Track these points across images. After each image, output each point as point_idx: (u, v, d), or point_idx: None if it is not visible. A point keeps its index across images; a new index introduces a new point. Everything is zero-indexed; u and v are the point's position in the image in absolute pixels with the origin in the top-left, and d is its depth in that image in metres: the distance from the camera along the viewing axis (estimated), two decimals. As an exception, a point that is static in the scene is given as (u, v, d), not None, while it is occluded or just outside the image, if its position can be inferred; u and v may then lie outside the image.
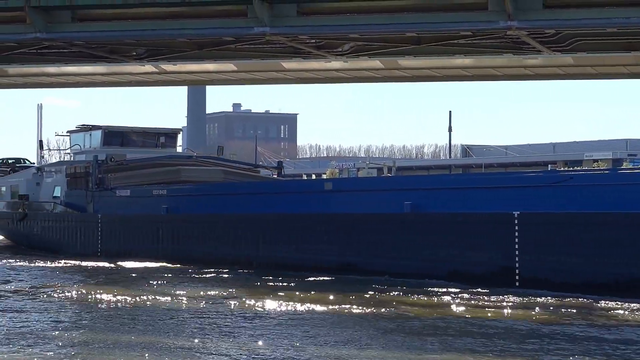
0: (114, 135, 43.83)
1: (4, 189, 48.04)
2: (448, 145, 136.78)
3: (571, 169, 73.05)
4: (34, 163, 60.43)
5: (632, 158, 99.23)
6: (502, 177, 31.10)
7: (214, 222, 33.67)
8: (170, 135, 46.01)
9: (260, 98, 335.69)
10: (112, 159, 39.89)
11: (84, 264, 34.72)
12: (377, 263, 28.39)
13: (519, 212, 25.48)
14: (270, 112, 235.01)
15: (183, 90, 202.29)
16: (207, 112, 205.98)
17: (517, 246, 25.48)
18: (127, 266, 33.70)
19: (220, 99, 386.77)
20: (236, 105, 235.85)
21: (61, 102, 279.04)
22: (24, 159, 63.13)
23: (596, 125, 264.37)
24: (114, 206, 38.23)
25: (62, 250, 39.48)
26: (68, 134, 46.52)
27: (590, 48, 28.17)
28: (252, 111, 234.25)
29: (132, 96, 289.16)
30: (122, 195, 37.87)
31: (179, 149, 47.77)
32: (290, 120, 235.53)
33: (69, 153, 47.76)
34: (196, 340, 17.94)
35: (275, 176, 44.72)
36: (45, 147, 51.03)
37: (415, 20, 25.93)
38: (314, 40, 28.88)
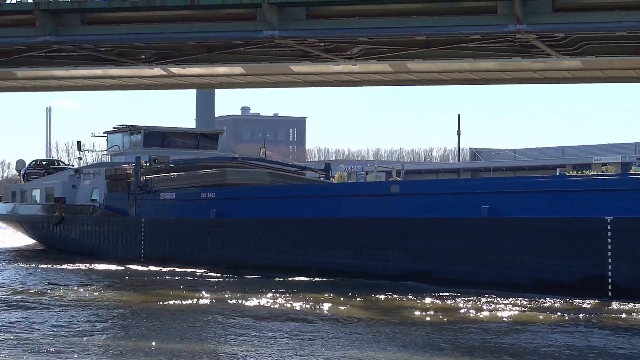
0: (154, 136, 42.26)
1: (37, 191, 46.26)
2: (457, 149, 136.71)
3: (580, 172, 72.93)
4: (69, 165, 59.41)
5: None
6: (592, 179, 29.31)
7: (268, 226, 31.96)
8: (210, 136, 45.00)
9: (269, 101, 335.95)
10: (156, 160, 38.12)
11: (125, 269, 33.88)
12: (451, 271, 26.51)
13: (612, 217, 23.74)
14: (278, 115, 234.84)
15: (192, 93, 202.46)
16: (215, 116, 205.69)
17: (609, 254, 23.73)
18: (171, 272, 32.33)
19: (228, 102, 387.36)
20: (245, 109, 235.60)
21: (67, 104, 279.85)
22: (58, 161, 61.03)
23: (605, 129, 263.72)
24: (158, 210, 36.79)
25: (102, 255, 37.97)
26: (105, 134, 44.67)
27: (600, 51, 28.14)
28: (261, 114, 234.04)
29: (141, 99, 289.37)
30: (167, 198, 36.34)
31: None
32: (298, 124, 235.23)
33: (106, 154, 46.16)
34: (241, 347, 17.38)
35: (323, 178, 42.23)
36: (83, 148, 49.96)
37: (425, 24, 25.96)
38: (323, 44, 28.92)
